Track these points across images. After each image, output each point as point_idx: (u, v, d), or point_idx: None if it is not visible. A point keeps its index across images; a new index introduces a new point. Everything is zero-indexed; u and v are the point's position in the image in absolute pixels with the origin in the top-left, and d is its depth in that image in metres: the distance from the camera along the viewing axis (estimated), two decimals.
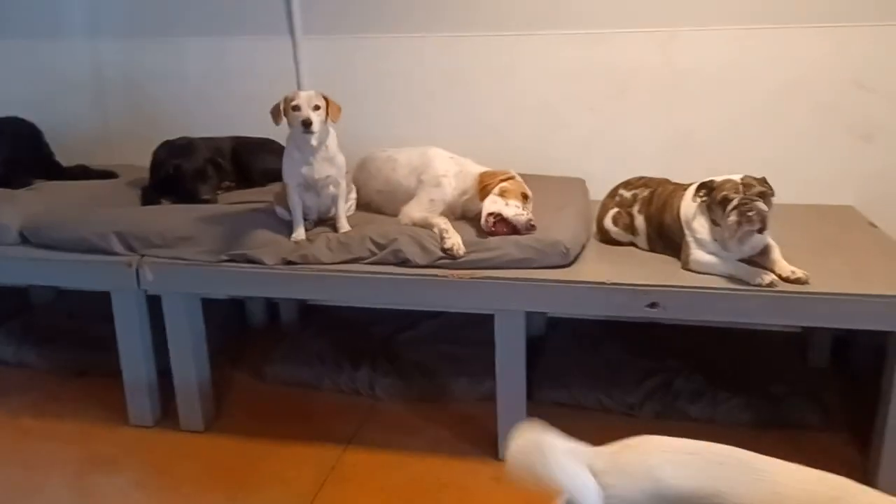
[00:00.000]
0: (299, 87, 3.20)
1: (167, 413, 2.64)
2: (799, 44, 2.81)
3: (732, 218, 2.06)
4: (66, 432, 2.60)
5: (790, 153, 2.88)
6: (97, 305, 3.33)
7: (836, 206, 2.82)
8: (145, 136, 3.35)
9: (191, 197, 2.75)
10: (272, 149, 3.11)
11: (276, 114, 2.33)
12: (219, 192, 2.89)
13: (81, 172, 3.17)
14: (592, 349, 2.96)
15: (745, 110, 2.91)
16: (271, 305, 3.42)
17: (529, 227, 2.27)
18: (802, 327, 3.00)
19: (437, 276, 2.24)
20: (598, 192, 2.79)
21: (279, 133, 3.07)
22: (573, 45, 2.98)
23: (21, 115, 3.22)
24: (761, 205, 2.04)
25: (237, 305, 3.39)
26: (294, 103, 2.28)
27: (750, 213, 2.03)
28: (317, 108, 2.29)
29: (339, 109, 2.35)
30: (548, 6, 2.96)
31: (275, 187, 2.92)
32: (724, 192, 2.07)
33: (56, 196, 2.83)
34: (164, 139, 2.99)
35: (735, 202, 2.05)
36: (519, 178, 2.40)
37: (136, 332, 2.52)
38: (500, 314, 2.24)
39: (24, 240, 2.59)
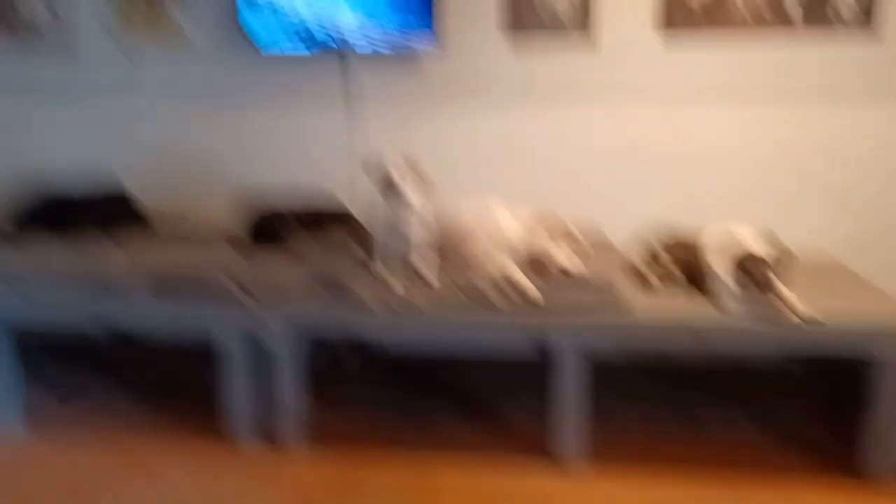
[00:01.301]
0: (351, 161, 3.68)
1: (262, 437, 3.02)
2: (784, 119, 3.43)
3: (755, 292, 2.62)
4: (168, 451, 2.96)
5: (774, 210, 3.48)
6: (162, 350, 3.79)
7: (816, 256, 3.41)
8: (213, 200, 3.81)
9: (288, 252, 3.17)
10: (343, 217, 3.56)
11: (376, 183, 2.79)
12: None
13: (167, 227, 3.55)
14: (618, 381, 3.48)
15: (738, 175, 3.51)
16: (332, 354, 3.82)
17: (576, 266, 2.78)
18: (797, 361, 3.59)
19: (517, 317, 2.72)
20: (616, 243, 3.36)
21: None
22: (593, 119, 3.54)
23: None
24: (780, 289, 2.60)
25: None
26: (391, 179, 2.74)
27: (770, 292, 2.61)
28: (411, 181, 2.74)
29: (433, 184, 2.81)
30: (573, 86, 3.52)
31: (352, 248, 3.40)
32: (750, 267, 2.62)
33: (161, 249, 3.22)
34: (248, 204, 3.41)
35: (761, 280, 2.60)
36: (565, 222, 2.88)
37: (243, 369, 2.91)
38: (566, 349, 2.73)
39: (144, 287, 2.96)
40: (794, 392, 3.42)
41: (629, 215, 3.57)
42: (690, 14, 3.35)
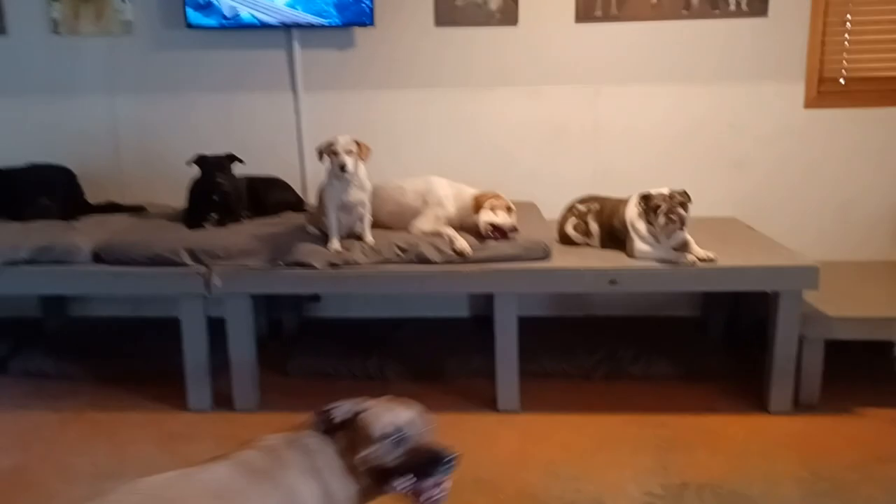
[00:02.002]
0: (299, 136, 3.89)
1: (216, 400, 3.19)
2: (690, 97, 3.80)
3: (661, 219, 2.94)
4: (134, 421, 3.08)
5: (685, 179, 3.78)
6: (103, 328, 3.90)
7: (722, 217, 3.79)
8: (156, 180, 3.96)
9: (233, 219, 3.35)
10: (280, 185, 3.78)
11: (320, 154, 3.00)
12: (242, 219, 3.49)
13: (111, 208, 3.67)
14: (548, 335, 3.77)
15: (651, 147, 3.86)
16: (273, 320, 4.00)
17: (514, 230, 3.06)
18: (701, 311, 3.95)
19: (453, 270, 2.97)
20: (544, 212, 3.65)
21: (282, 172, 3.81)
22: (521, 99, 3.85)
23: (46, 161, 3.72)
24: (681, 210, 2.93)
25: None
26: (333, 148, 2.96)
27: (672, 216, 2.92)
28: (350, 151, 2.97)
29: (369, 150, 3.04)
30: (501, 69, 3.82)
31: (289, 215, 3.60)
32: (656, 202, 2.95)
33: (111, 224, 3.36)
34: (190, 178, 3.54)
35: (663, 208, 2.93)
36: (504, 197, 3.17)
37: (199, 332, 3.07)
38: (499, 296, 3.00)
39: (97, 260, 3.09)
40: (705, 337, 3.77)
41: (550, 185, 3.88)
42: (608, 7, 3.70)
